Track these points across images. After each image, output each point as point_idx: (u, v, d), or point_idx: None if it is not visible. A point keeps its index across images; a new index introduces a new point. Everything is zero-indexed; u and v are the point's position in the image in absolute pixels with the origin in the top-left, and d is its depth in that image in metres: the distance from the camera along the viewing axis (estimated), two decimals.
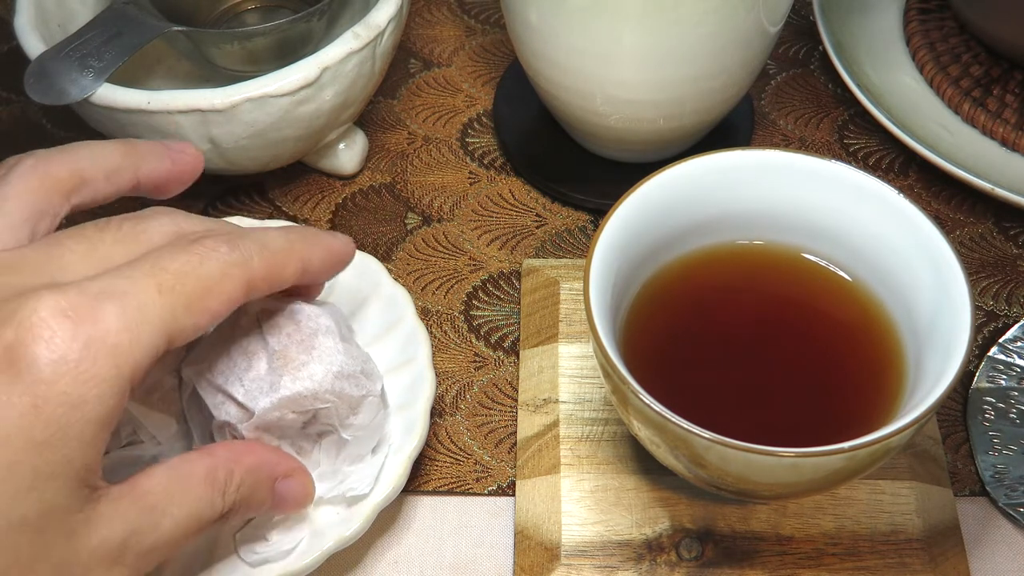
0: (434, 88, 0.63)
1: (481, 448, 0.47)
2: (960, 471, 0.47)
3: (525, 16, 0.50)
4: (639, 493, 0.44)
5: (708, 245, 0.45)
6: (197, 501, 0.35)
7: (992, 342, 0.50)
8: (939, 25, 0.63)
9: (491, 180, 0.58)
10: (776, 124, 0.61)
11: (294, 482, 0.39)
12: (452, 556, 0.45)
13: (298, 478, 0.39)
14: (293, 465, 0.39)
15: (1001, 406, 0.48)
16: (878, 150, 0.59)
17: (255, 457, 0.38)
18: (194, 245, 0.34)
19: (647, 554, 0.43)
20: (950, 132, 0.58)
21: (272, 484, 0.38)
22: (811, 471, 0.36)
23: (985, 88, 0.60)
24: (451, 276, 0.54)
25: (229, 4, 0.61)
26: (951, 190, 0.57)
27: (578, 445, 0.46)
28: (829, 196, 0.43)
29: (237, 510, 0.37)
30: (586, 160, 0.57)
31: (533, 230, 0.56)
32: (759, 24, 0.49)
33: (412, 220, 0.56)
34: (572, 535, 0.43)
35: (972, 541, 0.44)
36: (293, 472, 0.39)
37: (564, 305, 0.50)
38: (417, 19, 0.66)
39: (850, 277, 0.44)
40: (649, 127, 0.52)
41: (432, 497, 0.46)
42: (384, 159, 0.59)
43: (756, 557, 0.43)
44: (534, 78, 0.54)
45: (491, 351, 0.51)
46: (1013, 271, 0.54)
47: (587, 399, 0.47)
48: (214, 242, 0.34)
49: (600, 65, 0.49)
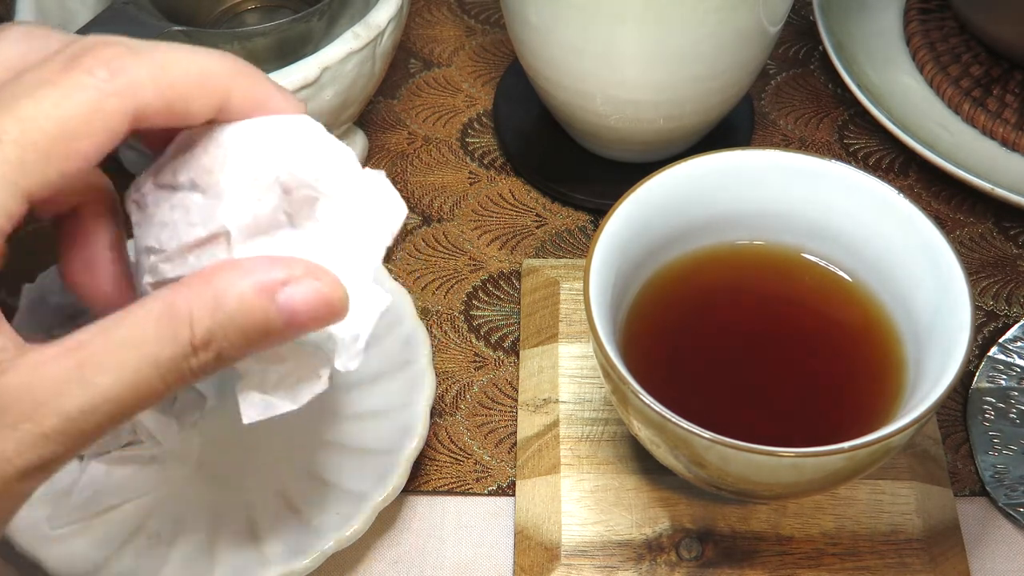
0: (434, 88, 0.63)
1: (481, 448, 0.47)
2: (960, 471, 0.47)
3: (525, 16, 0.50)
4: (639, 493, 0.44)
5: (708, 245, 0.45)
6: (149, 343, 0.27)
7: (992, 342, 0.50)
8: (939, 25, 0.63)
9: (491, 180, 0.58)
10: (776, 124, 0.61)
11: (303, 287, 0.29)
12: (452, 556, 0.45)
13: (307, 280, 0.29)
14: (295, 267, 0.29)
15: (1001, 406, 0.48)
16: (878, 150, 0.59)
17: (229, 270, 0.29)
18: (60, 73, 0.28)
19: (647, 554, 0.43)
20: (950, 132, 0.58)
21: (271, 297, 0.29)
22: (811, 471, 0.36)
23: (985, 88, 0.60)
24: (451, 276, 0.54)
25: (229, 4, 0.61)
26: (951, 190, 0.57)
27: (578, 445, 0.46)
28: (829, 196, 0.43)
29: (220, 342, 0.28)
30: (586, 160, 0.57)
31: (533, 230, 0.56)
32: (759, 24, 0.49)
33: (412, 220, 0.56)
34: (572, 535, 0.43)
35: (972, 541, 0.44)
36: (297, 275, 0.29)
37: (564, 305, 0.50)
38: (417, 19, 0.66)
39: (850, 277, 0.44)
40: (649, 127, 0.52)
41: (432, 497, 0.46)
42: (384, 159, 0.59)
43: (756, 557, 0.43)
44: (534, 78, 0.54)
45: (491, 351, 0.51)
46: (1013, 271, 0.54)
47: (587, 399, 0.47)
48: (91, 63, 0.28)
49: (600, 65, 0.49)
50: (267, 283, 0.29)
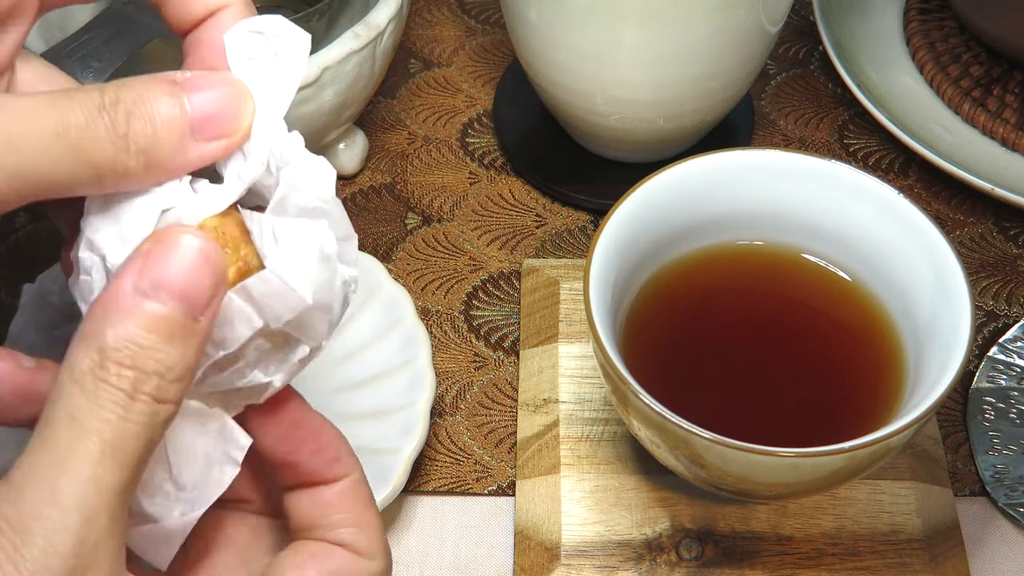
0: (434, 88, 0.63)
1: (481, 448, 0.47)
2: (960, 471, 0.47)
3: (525, 16, 0.50)
4: (639, 493, 0.44)
5: (708, 245, 0.45)
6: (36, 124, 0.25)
7: (992, 342, 0.50)
8: (939, 25, 0.63)
9: (491, 180, 0.58)
10: (776, 124, 0.61)
11: (210, 94, 0.27)
12: (452, 556, 0.45)
13: (211, 85, 0.27)
14: (196, 76, 0.27)
15: (1001, 406, 0.48)
16: (878, 150, 0.59)
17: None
18: None
19: (647, 554, 0.43)
20: (950, 132, 0.58)
21: (171, 92, 0.26)
22: (811, 471, 0.36)
23: (985, 88, 0.60)
24: (451, 276, 0.54)
25: None
26: (951, 190, 0.57)
27: (578, 445, 0.46)
28: (829, 196, 0.43)
29: (119, 109, 0.26)
30: (586, 160, 0.57)
31: (533, 230, 0.56)
32: (759, 24, 0.49)
33: (412, 220, 0.56)
34: (572, 535, 0.43)
35: (972, 541, 0.44)
36: (196, 80, 0.27)
37: (564, 305, 0.50)
38: (417, 19, 0.66)
39: (850, 277, 0.44)
40: (649, 127, 0.52)
41: (432, 497, 0.46)
42: (384, 159, 0.59)
43: (756, 557, 0.43)
44: (534, 78, 0.54)
45: (491, 351, 0.51)
46: (1013, 271, 0.54)
47: (587, 399, 0.47)
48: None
49: (600, 65, 0.49)
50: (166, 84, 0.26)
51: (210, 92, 0.27)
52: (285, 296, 0.26)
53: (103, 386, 0.24)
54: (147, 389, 0.25)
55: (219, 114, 0.27)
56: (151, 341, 0.25)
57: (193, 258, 0.25)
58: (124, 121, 0.25)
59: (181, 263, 0.25)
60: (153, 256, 0.25)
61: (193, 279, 0.25)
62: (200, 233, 0.26)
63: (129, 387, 0.24)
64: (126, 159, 0.26)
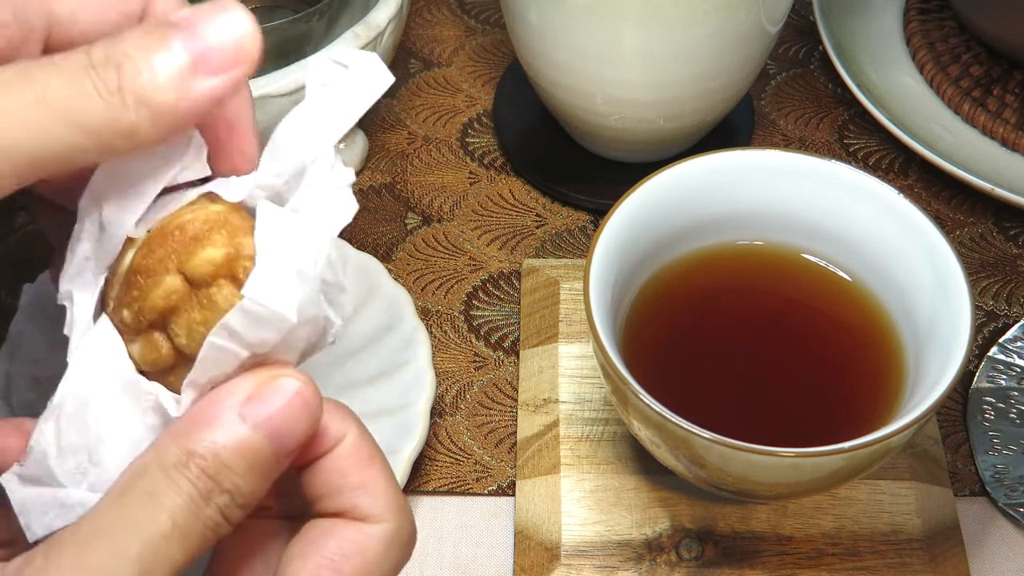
0: (434, 88, 0.63)
1: (481, 448, 0.47)
2: (960, 471, 0.47)
3: (525, 16, 0.50)
4: (639, 493, 0.44)
5: (708, 245, 0.45)
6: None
7: (992, 342, 0.50)
8: (939, 25, 0.63)
9: (491, 180, 0.58)
10: (776, 124, 0.61)
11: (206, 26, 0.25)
12: (452, 556, 0.45)
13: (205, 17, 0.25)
14: (189, 12, 0.25)
15: (1001, 406, 0.48)
16: (878, 150, 0.59)
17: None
18: None
19: (647, 554, 0.43)
20: (950, 132, 0.58)
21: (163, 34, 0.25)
22: (811, 471, 0.36)
23: (985, 88, 0.60)
24: (451, 276, 0.54)
25: None
26: (951, 190, 0.57)
27: (578, 445, 0.46)
28: (829, 196, 0.43)
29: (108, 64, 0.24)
30: (586, 160, 0.57)
31: (533, 230, 0.56)
32: (759, 24, 0.49)
33: (412, 220, 0.56)
34: (572, 535, 0.43)
35: (972, 541, 0.44)
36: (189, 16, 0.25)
37: (564, 305, 0.50)
38: (417, 19, 0.66)
39: (850, 277, 0.44)
40: (649, 127, 0.52)
41: (432, 497, 0.46)
42: (384, 159, 0.59)
43: (756, 557, 0.43)
44: (534, 78, 0.54)
45: (491, 351, 0.51)
46: (1013, 271, 0.54)
47: (587, 399, 0.47)
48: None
49: (600, 65, 0.49)
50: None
51: (206, 24, 0.25)
52: (268, 321, 0.26)
53: (184, 481, 0.25)
54: (218, 501, 0.25)
55: (220, 44, 0.25)
56: (236, 463, 0.25)
57: (297, 405, 0.26)
58: (115, 76, 0.24)
59: (288, 407, 0.26)
60: (264, 390, 0.26)
61: (291, 425, 0.26)
62: (307, 381, 0.27)
63: (205, 491, 0.25)
64: (125, 114, 0.24)
